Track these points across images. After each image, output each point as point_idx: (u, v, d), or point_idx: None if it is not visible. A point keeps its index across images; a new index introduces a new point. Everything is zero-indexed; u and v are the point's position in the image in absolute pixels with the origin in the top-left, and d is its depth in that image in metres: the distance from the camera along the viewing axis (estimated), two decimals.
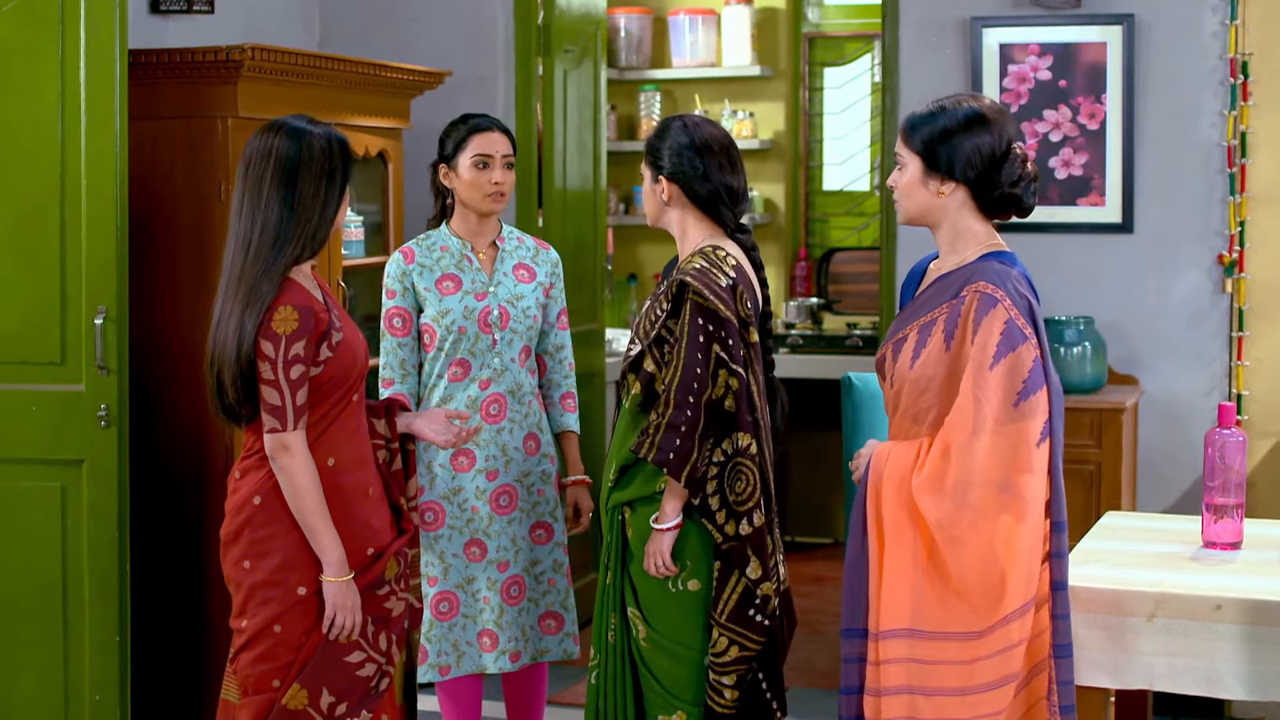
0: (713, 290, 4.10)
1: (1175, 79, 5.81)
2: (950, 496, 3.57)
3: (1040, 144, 5.93)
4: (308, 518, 3.88)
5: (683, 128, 4.29)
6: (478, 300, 4.72)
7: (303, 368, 3.86)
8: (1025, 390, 3.56)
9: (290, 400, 3.86)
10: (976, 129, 3.68)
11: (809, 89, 8.75)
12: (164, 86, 5.20)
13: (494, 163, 4.73)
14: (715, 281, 4.11)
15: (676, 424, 4.08)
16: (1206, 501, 4.17)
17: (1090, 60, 5.89)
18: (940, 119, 3.70)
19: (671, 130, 4.30)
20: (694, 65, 8.67)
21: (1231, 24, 5.75)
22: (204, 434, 5.20)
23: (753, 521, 4.12)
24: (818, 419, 8.11)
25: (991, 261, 3.68)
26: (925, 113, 3.75)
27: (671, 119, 4.35)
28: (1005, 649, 3.59)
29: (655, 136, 4.33)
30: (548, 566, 4.84)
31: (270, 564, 3.93)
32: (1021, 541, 3.58)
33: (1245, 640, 3.72)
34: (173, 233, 5.23)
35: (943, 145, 3.68)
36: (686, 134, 4.27)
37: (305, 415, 3.88)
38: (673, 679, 4.22)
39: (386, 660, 4.03)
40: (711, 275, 4.13)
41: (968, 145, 3.66)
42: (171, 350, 5.20)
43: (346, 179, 4.00)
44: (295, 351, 3.85)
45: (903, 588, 3.63)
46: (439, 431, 4.29)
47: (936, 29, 6.05)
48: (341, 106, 5.62)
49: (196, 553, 5.20)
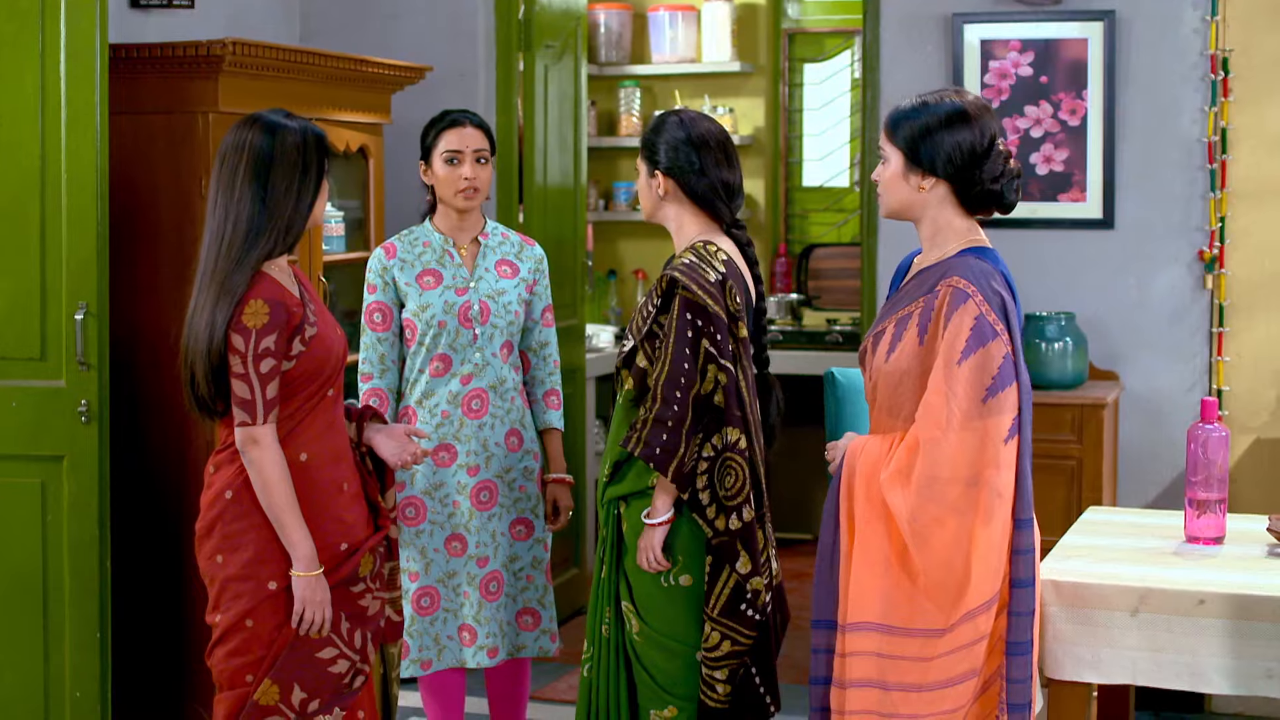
0: (701, 285, 4.09)
1: (1156, 75, 5.82)
2: (916, 491, 3.58)
3: (1021, 140, 5.94)
4: (277, 512, 3.87)
5: (679, 122, 4.27)
6: (458, 295, 4.72)
7: (273, 361, 3.85)
8: (994, 386, 3.55)
9: (260, 394, 3.84)
10: (958, 125, 3.67)
11: (789, 85, 8.74)
12: (145, 81, 5.18)
13: (464, 158, 4.72)
14: (704, 277, 4.11)
15: (663, 419, 4.08)
16: (1189, 496, 4.18)
17: (1071, 56, 5.89)
18: (922, 114, 3.70)
19: (668, 125, 4.28)
20: (674, 61, 8.66)
21: (1212, 20, 5.76)
22: (185, 430, 5.18)
23: (742, 516, 4.12)
24: (798, 415, 8.08)
25: (968, 257, 3.68)
26: (908, 108, 3.75)
27: (667, 113, 4.33)
28: (966, 645, 3.58)
29: (651, 131, 4.31)
30: (526, 563, 4.84)
31: (241, 558, 3.92)
32: (988, 537, 3.57)
33: (1228, 634, 3.73)
34: (154, 228, 5.21)
35: (924, 141, 3.68)
36: (683, 128, 4.26)
37: (276, 409, 3.87)
38: (665, 674, 4.22)
39: (361, 658, 4.00)
40: (700, 270, 4.12)
41: (949, 141, 3.65)
42: (153, 345, 5.17)
43: (322, 173, 3.99)
44: (265, 345, 3.83)
45: (872, 581, 3.64)
46: (394, 451, 4.16)
47: (918, 25, 6.05)
48: (322, 101, 5.61)
49: (177, 549, 5.17)
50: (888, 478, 3.62)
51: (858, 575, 3.66)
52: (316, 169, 3.97)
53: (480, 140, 4.75)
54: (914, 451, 3.59)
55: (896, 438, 3.67)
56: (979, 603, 3.58)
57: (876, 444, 3.70)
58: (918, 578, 3.59)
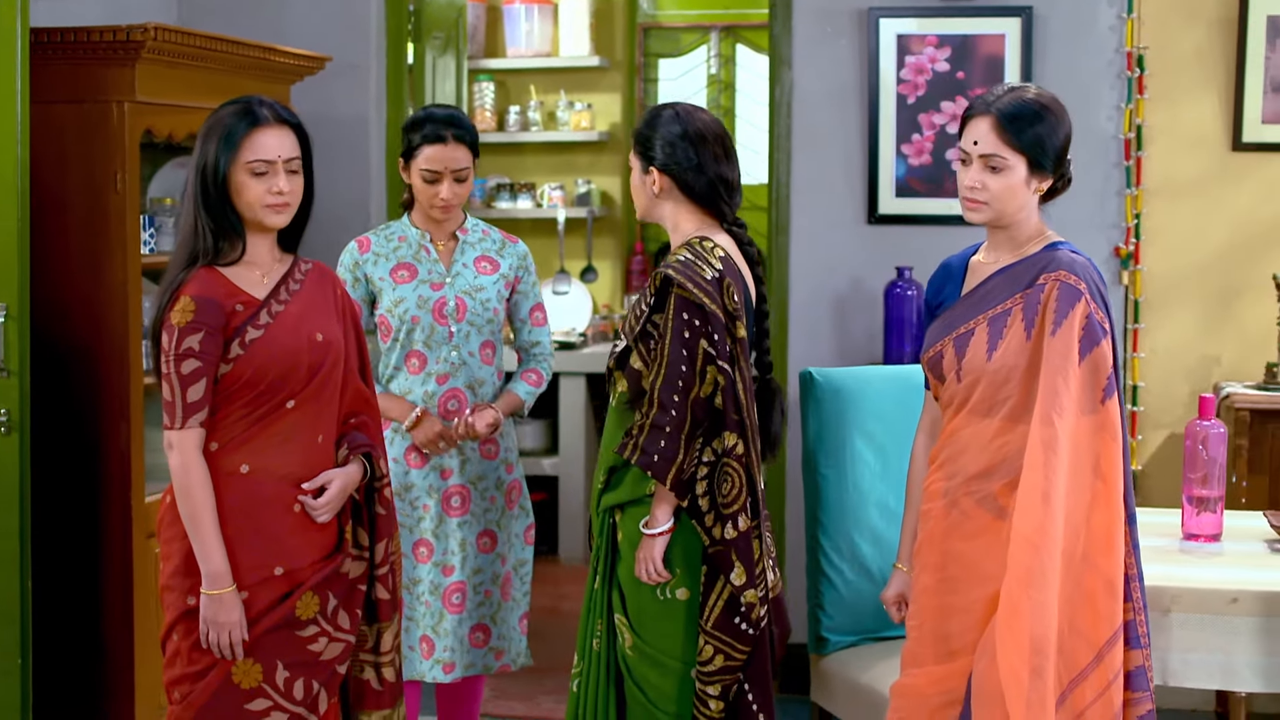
0: (697, 283, 3.92)
1: (1072, 72, 5.83)
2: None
3: (938, 135, 5.89)
4: (190, 522, 3.62)
5: (675, 116, 4.07)
6: (433, 290, 4.53)
7: (197, 363, 3.59)
8: (1109, 388, 3.50)
9: (180, 396, 3.60)
10: (1064, 118, 3.64)
11: (645, 80, 8.63)
12: (53, 68, 4.84)
13: (443, 178, 4.53)
14: (700, 274, 3.94)
15: (661, 425, 3.90)
16: (1187, 494, 4.16)
17: (988, 52, 5.87)
18: (1039, 112, 3.60)
19: (663, 119, 4.07)
20: (530, 55, 8.49)
21: (1128, 17, 5.78)
22: (96, 439, 4.87)
23: (738, 525, 3.95)
24: None
25: (1064, 251, 3.62)
26: (1022, 106, 3.61)
27: (661, 107, 4.12)
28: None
29: (645, 126, 4.10)
30: (487, 577, 4.65)
31: (169, 567, 3.71)
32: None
33: (1261, 633, 3.71)
34: (63, 224, 4.87)
35: (1050, 142, 3.61)
36: (679, 123, 4.05)
37: (201, 413, 3.61)
38: (657, 690, 4.04)
39: (308, 709, 3.69)
40: (696, 268, 3.95)
41: (1062, 137, 3.62)
42: (61, 351, 4.84)
43: (223, 135, 3.67)
44: (188, 345, 3.59)
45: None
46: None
47: (832, 19, 5.96)
48: (231, 91, 5.21)
49: (92, 566, 4.86)
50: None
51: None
52: (221, 129, 3.68)
53: (462, 157, 4.54)
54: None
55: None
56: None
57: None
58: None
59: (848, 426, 4.48)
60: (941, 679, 3.60)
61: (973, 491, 3.60)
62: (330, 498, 3.72)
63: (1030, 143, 3.57)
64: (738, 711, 4.03)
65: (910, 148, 5.92)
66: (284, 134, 3.71)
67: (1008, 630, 3.41)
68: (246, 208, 3.68)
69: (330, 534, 3.76)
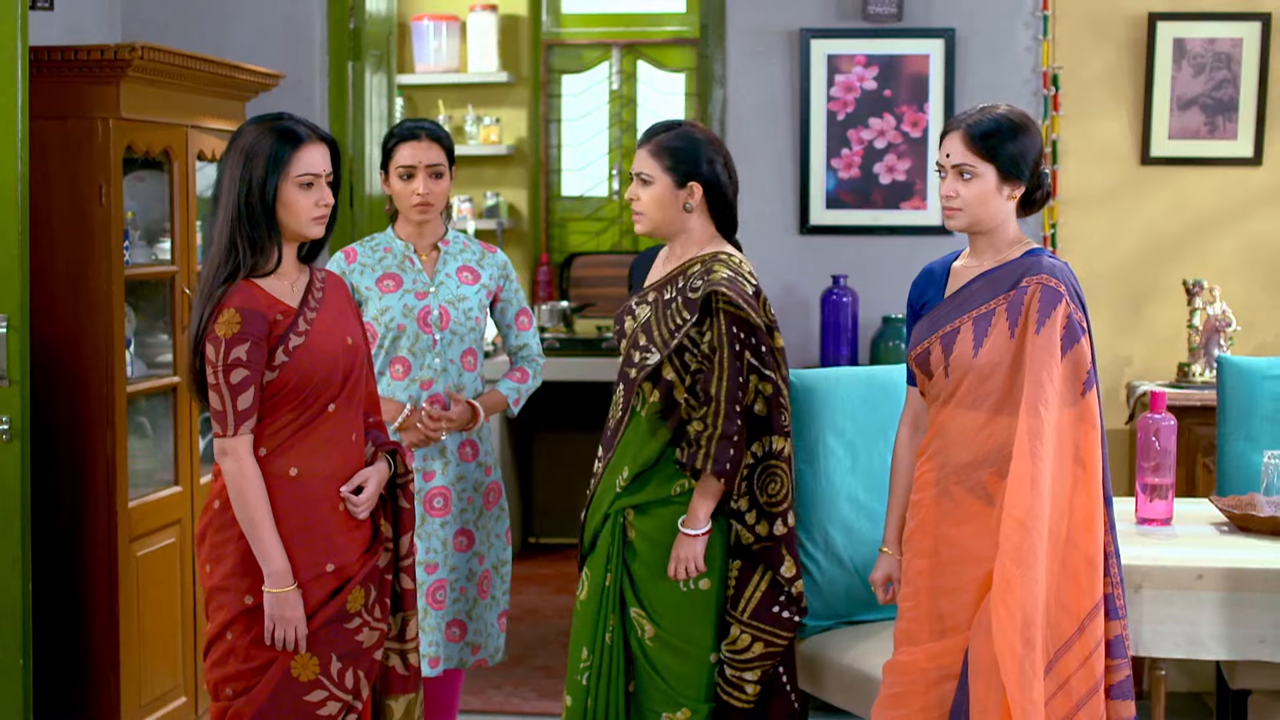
0: (744, 298, 4.17)
1: (992, 90, 6.17)
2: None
3: (866, 151, 6.21)
4: (249, 525, 3.79)
5: (703, 133, 4.29)
6: (418, 299, 4.71)
7: (245, 372, 3.76)
8: (1089, 381, 3.80)
9: (231, 405, 3.77)
10: (1033, 132, 3.89)
11: (549, 96, 8.86)
12: (39, 84, 4.95)
13: (418, 173, 4.72)
14: (744, 290, 4.19)
15: (729, 434, 4.14)
16: (1141, 482, 4.49)
17: (913, 71, 6.20)
18: (1005, 126, 3.86)
19: (696, 135, 4.27)
20: (438, 70, 8.68)
21: (1044, 39, 6.15)
22: (83, 447, 5.00)
23: (787, 521, 4.24)
24: (573, 421, 8.24)
25: (1043, 257, 3.91)
26: (990, 123, 3.87)
27: (681, 123, 4.32)
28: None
29: (677, 141, 4.26)
30: (462, 575, 4.84)
31: (223, 569, 3.85)
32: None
33: (1224, 605, 4.05)
34: (48, 238, 4.99)
35: (1020, 153, 3.86)
36: (707, 137, 4.28)
37: (251, 420, 3.79)
38: (678, 676, 4.28)
39: (354, 696, 3.90)
40: (740, 284, 4.19)
41: (1033, 149, 3.88)
42: (47, 360, 4.97)
43: (271, 155, 3.81)
44: (236, 355, 3.76)
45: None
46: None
47: (764, 39, 6.26)
48: (197, 107, 5.48)
49: (78, 570, 4.99)
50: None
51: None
52: (259, 154, 3.83)
53: (435, 154, 4.73)
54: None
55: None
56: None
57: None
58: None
59: (820, 425, 4.74)
60: (938, 655, 3.90)
61: (963, 480, 3.90)
62: (369, 495, 3.92)
63: (996, 151, 3.86)
64: (772, 691, 4.31)
65: (840, 161, 6.23)
66: (323, 149, 3.89)
67: (1002, 605, 3.71)
68: (292, 220, 3.85)
69: (367, 530, 3.95)
